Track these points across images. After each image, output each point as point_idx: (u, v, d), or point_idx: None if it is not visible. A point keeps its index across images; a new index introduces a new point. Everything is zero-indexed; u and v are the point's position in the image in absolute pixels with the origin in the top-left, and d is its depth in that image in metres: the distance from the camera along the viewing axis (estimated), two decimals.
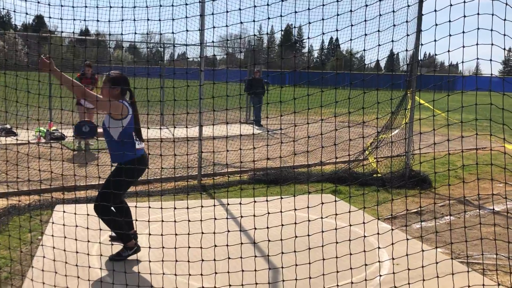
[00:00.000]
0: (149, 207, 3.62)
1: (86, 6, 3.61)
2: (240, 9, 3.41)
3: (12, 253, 4.26)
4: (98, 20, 3.61)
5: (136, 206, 3.62)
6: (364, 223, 3.38)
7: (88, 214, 3.68)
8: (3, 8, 4.00)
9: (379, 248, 3.64)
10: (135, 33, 3.34)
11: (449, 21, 3.04)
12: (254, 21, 3.20)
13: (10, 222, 5.44)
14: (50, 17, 3.61)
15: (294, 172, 8.47)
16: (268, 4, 3.37)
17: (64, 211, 3.92)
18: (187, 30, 3.23)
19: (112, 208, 4.10)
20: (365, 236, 3.53)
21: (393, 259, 3.54)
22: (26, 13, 3.90)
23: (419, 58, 8.32)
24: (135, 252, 4.18)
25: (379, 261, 4.15)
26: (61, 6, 3.56)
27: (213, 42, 12.62)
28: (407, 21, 3.92)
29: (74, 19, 3.52)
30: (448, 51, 3.12)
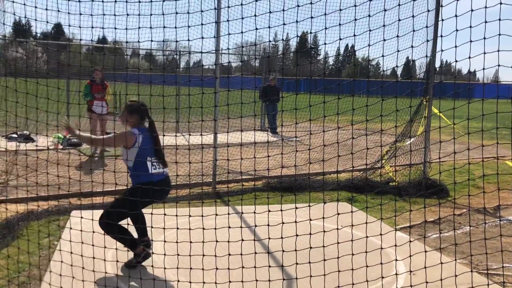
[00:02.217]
0: (165, 214, 3.62)
1: (104, 14, 3.64)
2: (255, 15, 3.41)
3: (29, 258, 4.30)
4: (115, 28, 3.65)
5: (151, 213, 3.62)
6: (381, 234, 3.33)
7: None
8: (24, 17, 4.07)
9: (396, 260, 3.58)
10: (152, 40, 3.35)
11: (470, 26, 2.99)
12: (269, 27, 3.19)
13: (29, 227, 5.50)
14: (69, 25, 3.65)
15: (309, 180, 8.42)
16: (283, 10, 3.36)
17: (81, 217, 3.94)
18: (202, 38, 3.24)
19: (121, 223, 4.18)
20: (382, 248, 3.47)
21: (410, 271, 3.48)
22: (47, 21, 3.95)
23: (437, 66, 8.23)
24: (145, 258, 4.20)
25: (396, 274, 4.08)
26: (80, 14, 3.60)
27: (228, 49, 12.66)
28: (427, 26, 3.87)
29: (92, 27, 3.56)
30: (469, 57, 3.07)
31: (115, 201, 4.18)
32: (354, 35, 3.27)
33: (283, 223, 3.32)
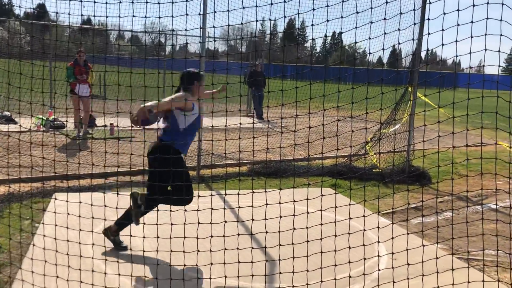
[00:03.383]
0: (146, 196, 3.57)
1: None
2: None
3: (10, 240, 4.23)
4: (106, 16, 3.55)
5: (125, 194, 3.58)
6: (364, 216, 3.34)
7: (80, 202, 3.64)
8: None
9: (378, 242, 3.61)
10: (133, 16, 3.22)
11: (458, 9, 2.98)
12: (256, 6, 3.14)
13: (9, 209, 5.41)
14: (57, 13, 3.55)
15: (294, 165, 8.43)
16: None
17: (57, 199, 3.89)
18: (187, 14, 3.17)
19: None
20: (364, 230, 3.49)
21: (392, 253, 3.50)
22: (19, 6, 3.85)
23: (423, 53, 8.25)
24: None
25: (378, 256, 4.11)
26: None
27: (214, 27, 12.52)
28: (414, 10, 3.85)
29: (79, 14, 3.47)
30: (456, 41, 3.06)
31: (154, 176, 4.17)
32: (342, 17, 3.24)
33: (267, 204, 3.31)
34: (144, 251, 3.60)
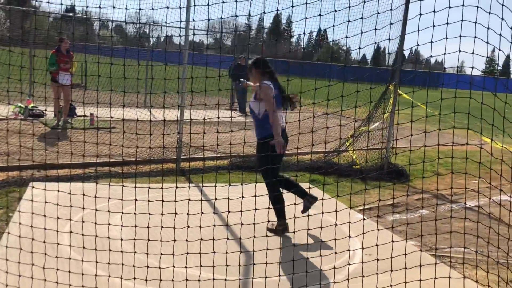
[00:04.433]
0: (123, 185, 3.59)
1: None
2: None
3: None
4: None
5: (110, 184, 3.59)
6: (336, 211, 3.41)
7: (61, 191, 3.64)
8: None
9: (350, 237, 3.69)
10: (114, 7, 3.22)
11: (434, 11, 3.06)
12: (236, 1, 3.16)
13: None
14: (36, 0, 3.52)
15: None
16: None
17: (34, 188, 3.88)
18: (167, 7, 3.19)
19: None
20: (336, 224, 3.57)
21: (362, 248, 3.59)
22: None
23: (405, 53, 8.37)
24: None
25: (349, 250, 4.20)
26: None
27: (194, 21, 12.48)
28: (391, 9, 3.93)
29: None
30: (431, 42, 3.14)
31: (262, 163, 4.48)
32: (320, 15, 3.29)
33: (243, 197, 3.36)
34: (121, 239, 3.62)
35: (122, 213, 3.58)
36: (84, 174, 6.78)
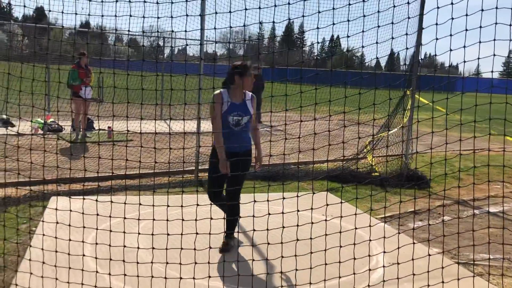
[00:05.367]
0: (140, 204, 3.55)
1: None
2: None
3: (6, 244, 4.24)
4: (102, 16, 3.57)
5: (125, 203, 3.59)
6: (354, 221, 3.35)
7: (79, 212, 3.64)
8: (4, 2, 3.97)
9: (371, 241, 3.62)
10: (130, 15, 3.22)
11: (452, 18, 3.01)
12: (245, 9, 3.15)
13: (6, 213, 5.42)
14: (51, 11, 3.57)
15: (286, 169, 8.45)
16: None
17: (70, 208, 3.90)
18: (187, 15, 3.19)
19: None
20: (356, 228, 3.50)
21: (398, 263, 3.51)
22: (24, 6, 3.86)
23: (420, 58, 8.29)
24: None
25: (369, 255, 4.12)
26: None
27: (214, 29, 12.56)
28: (408, 18, 3.88)
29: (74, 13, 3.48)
30: (450, 50, 3.09)
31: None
32: (333, 24, 3.26)
33: (254, 201, 3.31)
34: (137, 262, 3.60)
35: (139, 233, 3.56)
36: (111, 186, 6.81)
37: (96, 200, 3.54)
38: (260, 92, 16.31)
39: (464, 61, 3.14)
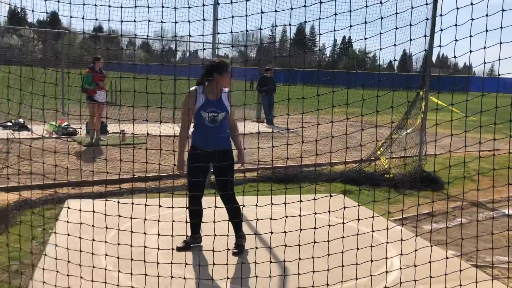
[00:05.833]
0: (160, 205, 3.57)
1: (95, 5, 3.57)
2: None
3: (23, 247, 4.27)
4: (109, 20, 3.59)
5: (146, 204, 3.60)
6: (371, 224, 3.32)
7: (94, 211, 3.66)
8: (19, 7, 4.02)
9: (387, 244, 3.58)
10: (149, 21, 3.24)
11: (471, 19, 2.97)
12: (262, 12, 3.15)
13: (22, 216, 5.47)
14: (70, 16, 3.60)
15: (302, 171, 8.42)
16: None
17: (80, 209, 3.92)
18: (204, 19, 3.20)
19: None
20: (373, 231, 3.47)
21: (415, 266, 3.48)
22: (33, 10, 3.90)
23: (434, 59, 8.22)
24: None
25: (386, 258, 4.08)
26: (70, 4, 3.55)
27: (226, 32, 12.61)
28: (427, 19, 3.85)
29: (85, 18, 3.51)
30: (470, 51, 3.05)
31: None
32: (350, 26, 3.25)
33: (272, 203, 3.30)
34: (158, 263, 3.61)
35: (159, 234, 3.57)
36: (120, 190, 6.85)
37: (118, 202, 3.57)
38: (272, 94, 16.33)
39: (485, 62, 3.10)
